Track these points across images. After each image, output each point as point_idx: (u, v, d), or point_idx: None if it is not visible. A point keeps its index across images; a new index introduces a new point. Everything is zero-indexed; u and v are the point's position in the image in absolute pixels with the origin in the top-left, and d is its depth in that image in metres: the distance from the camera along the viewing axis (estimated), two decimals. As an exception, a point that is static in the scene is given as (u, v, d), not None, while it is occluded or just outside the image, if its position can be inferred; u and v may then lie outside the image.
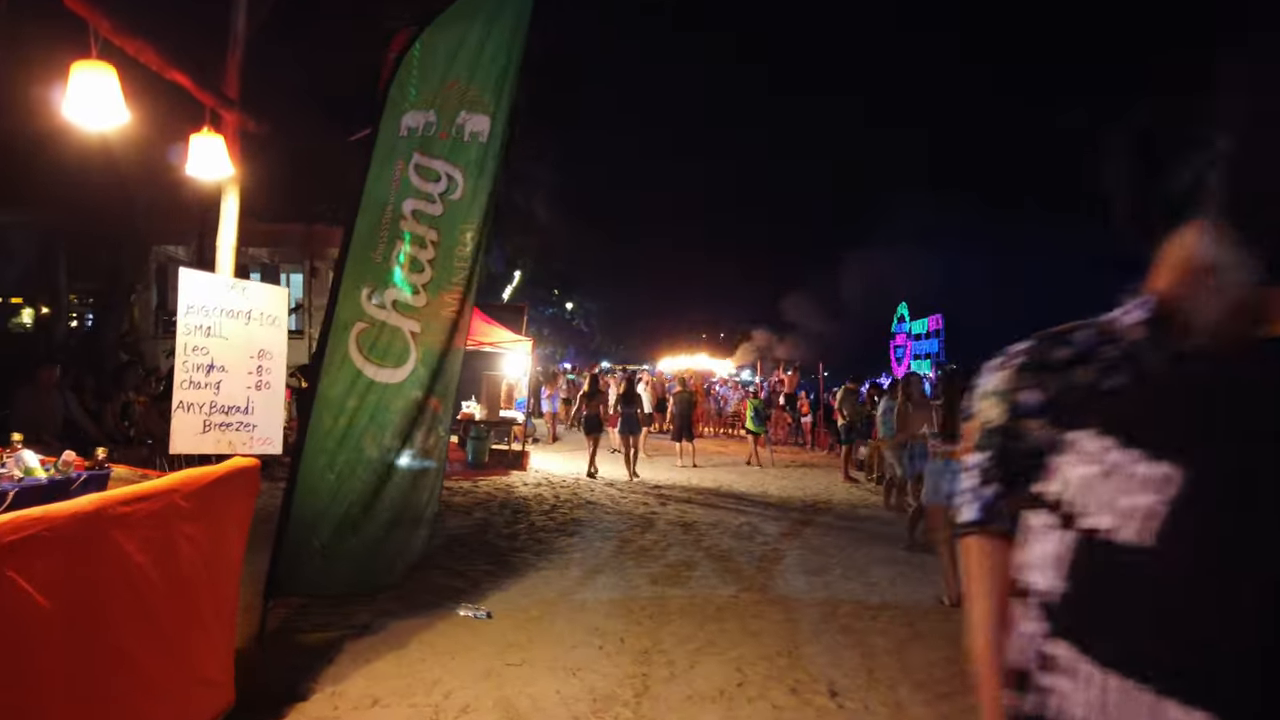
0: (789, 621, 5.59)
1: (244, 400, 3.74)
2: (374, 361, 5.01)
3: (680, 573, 6.78)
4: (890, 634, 5.43)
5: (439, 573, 6.37)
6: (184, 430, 3.52)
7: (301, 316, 20.52)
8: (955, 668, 4.85)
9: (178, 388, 3.53)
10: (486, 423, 14.13)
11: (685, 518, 9.39)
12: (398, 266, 5.16)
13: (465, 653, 4.66)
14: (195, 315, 3.56)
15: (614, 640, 5.01)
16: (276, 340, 4.00)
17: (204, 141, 3.91)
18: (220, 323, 3.65)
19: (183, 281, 3.58)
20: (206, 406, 3.58)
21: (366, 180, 5.10)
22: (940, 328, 34.61)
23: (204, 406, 3.57)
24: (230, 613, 3.19)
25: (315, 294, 20.03)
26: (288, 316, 4.07)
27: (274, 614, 4.72)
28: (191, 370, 3.52)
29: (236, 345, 3.73)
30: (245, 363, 3.77)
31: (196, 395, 3.54)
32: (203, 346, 3.57)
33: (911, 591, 6.53)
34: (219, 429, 3.61)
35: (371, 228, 5.09)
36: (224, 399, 3.64)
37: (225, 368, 3.64)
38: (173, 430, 3.52)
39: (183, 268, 3.63)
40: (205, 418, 3.57)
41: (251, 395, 3.79)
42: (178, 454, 4.00)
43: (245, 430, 3.74)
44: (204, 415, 3.57)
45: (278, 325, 4.02)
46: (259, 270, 24.00)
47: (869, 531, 8.98)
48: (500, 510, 9.35)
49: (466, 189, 5.32)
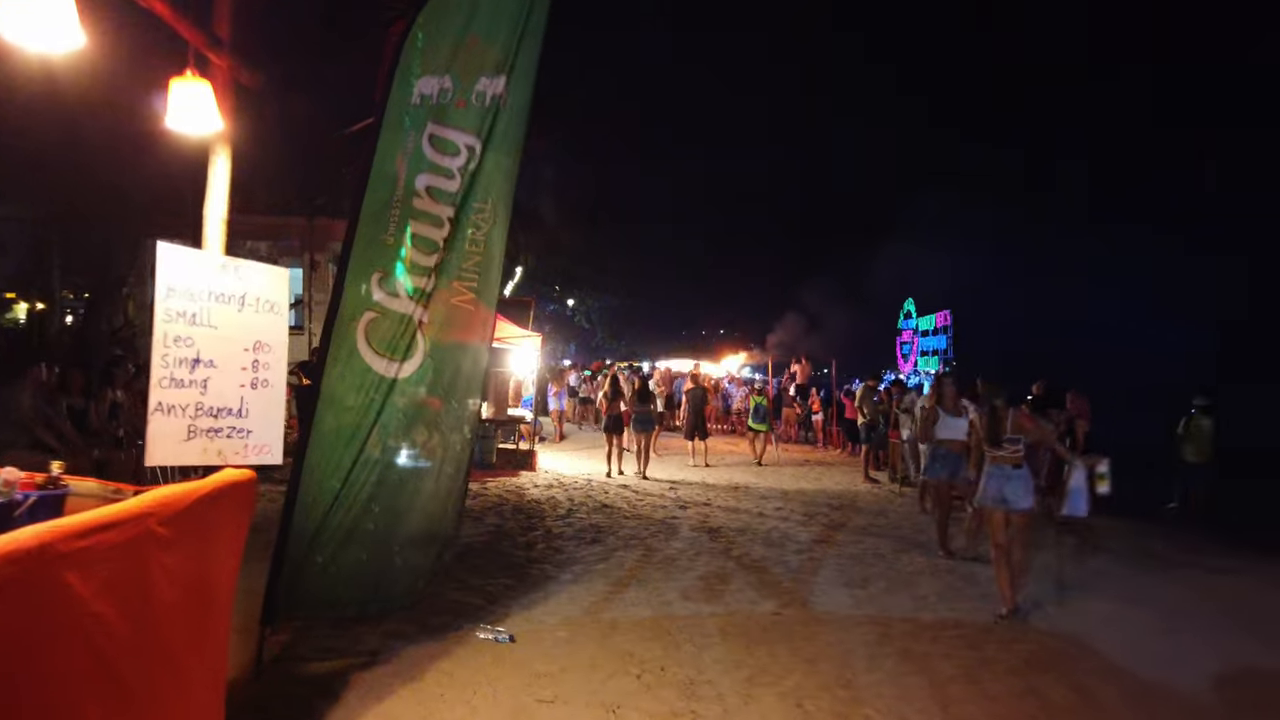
0: (841, 644, 5.06)
1: (237, 401, 3.19)
2: (384, 355, 4.47)
3: (714, 586, 6.25)
4: (955, 659, 4.90)
5: (453, 587, 5.84)
6: (163, 437, 2.98)
7: (301, 312, 19.96)
8: (1038, 699, 4.33)
9: (155, 386, 2.98)
10: (494, 421, 13.58)
11: (709, 522, 8.86)
12: (409, 248, 4.63)
13: (489, 685, 4.13)
14: (178, 299, 3.02)
15: (653, 669, 4.48)
16: (276, 330, 3.44)
17: (187, 88, 3.33)
18: (208, 309, 3.11)
19: (161, 259, 3.04)
20: (191, 409, 3.04)
21: (375, 153, 4.56)
22: (948, 324, 34.11)
23: (188, 409, 3.03)
24: (219, 659, 2.67)
25: (316, 289, 19.45)
26: (290, 303, 3.52)
27: (272, 640, 4.19)
28: (173, 365, 2.98)
29: (228, 336, 3.18)
30: (239, 357, 3.22)
31: (179, 395, 3.00)
32: (186, 337, 3.03)
33: (967, 607, 5.99)
34: (206, 436, 3.07)
35: (381, 206, 4.55)
36: (213, 400, 3.09)
37: (214, 362, 3.10)
38: (149, 437, 2.98)
39: (161, 242, 3.08)
40: (190, 422, 3.03)
41: (246, 395, 3.24)
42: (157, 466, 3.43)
43: (238, 437, 3.20)
44: (188, 419, 3.03)
45: (277, 312, 3.45)
46: (257, 264, 23.43)
47: (904, 537, 8.44)
48: (514, 515, 8.82)
49: (487, 162, 4.78)
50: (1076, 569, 7.31)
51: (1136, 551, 8.29)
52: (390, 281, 4.57)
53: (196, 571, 2.39)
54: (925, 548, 7.95)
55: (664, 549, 7.46)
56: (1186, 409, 11.45)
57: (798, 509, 10.01)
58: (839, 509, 10.15)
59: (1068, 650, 5.17)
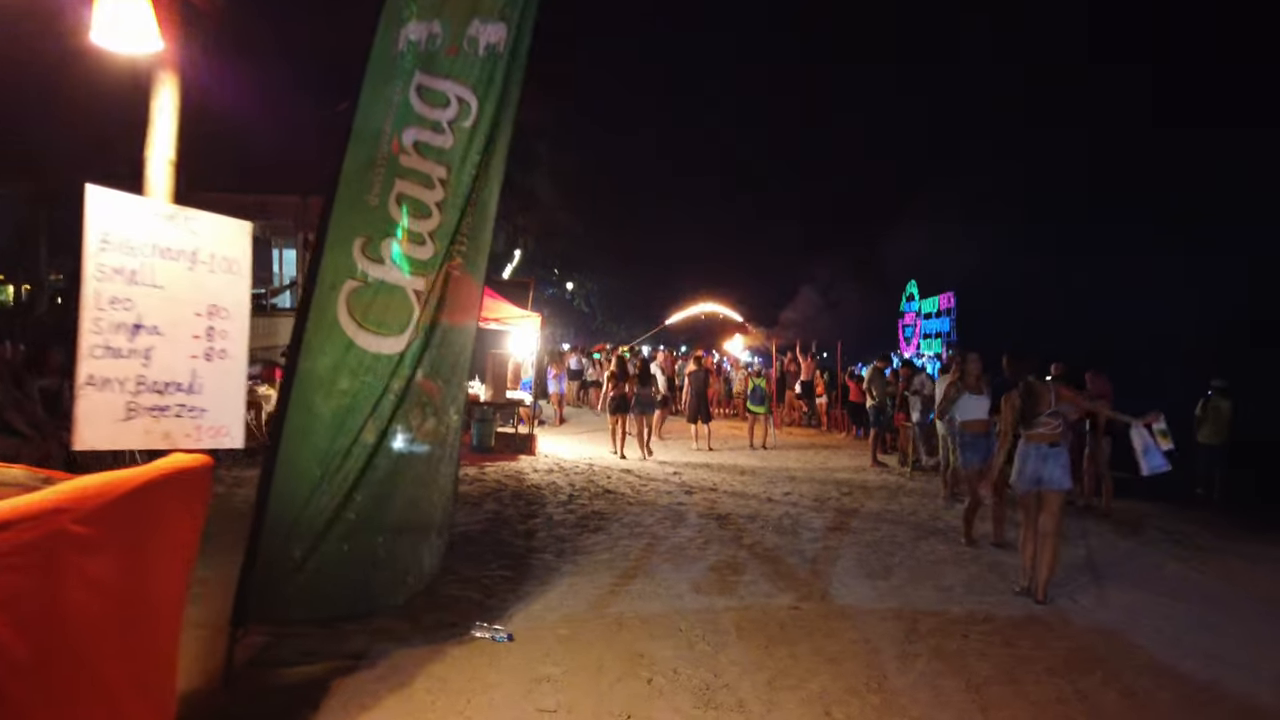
0: (866, 641, 4.68)
1: (187, 375, 2.77)
2: (369, 329, 4.06)
3: (726, 577, 5.87)
4: (990, 657, 4.53)
5: (448, 580, 5.45)
6: (96, 417, 2.56)
7: (295, 294, 19.50)
8: (1085, 705, 3.95)
9: (86, 356, 2.54)
10: (492, 404, 13.18)
11: (717, 509, 8.47)
12: (398, 210, 4.21)
13: (485, 692, 3.75)
14: (113, 254, 2.58)
15: (666, 671, 4.09)
16: (235, 293, 2.99)
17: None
18: (151, 265, 2.67)
19: (92, 204, 2.59)
20: (131, 383, 2.61)
21: (358, 106, 4.14)
22: (952, 306, 33.65)
23: (127, 383, 2.60)
24: (161, 675, 2.26)
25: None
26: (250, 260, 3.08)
27: (247, 642, 3.80)
28: (107, 331, 2.55)
29: (176, 298, 2.75)
30: (189, 323, 2.79)
31: (116, 367, 2.57)
32: (124, 298, 2.60)
33: (996, 600, 5.61)
34: (150, 415, 2.65)
35: (365, 164, 4.13)
36: (157, 373, 2.67)
37: (159, 329, 2.67)
38: (77, 417, 2.55)
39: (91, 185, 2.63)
40: (129, 399, 2.61)
41: (199, 368, 2.81)
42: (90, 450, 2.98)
43: (189, 416, 2.78)
44: (127, 395, 2.60)
45: (237, 273, 3.01)
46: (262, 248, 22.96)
47: (921, 524, 8.07)
48: (513, 502, 8.43)
49: (481, 114, 4.35)
50: (1107, 558, 6.94)
51: (1165, 537, 7.92)
52: (375, 248, 4.16)
53: (129, 577, 1.99)
54: (944, 535, 7.57)
55: (671, 537, 7.08)
56: (1204, 391, 11.24)
57: (807, 494, 9.63)
58: (849, 494, 9.77)
59: (1109, 647, 4.79)
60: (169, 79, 2.97)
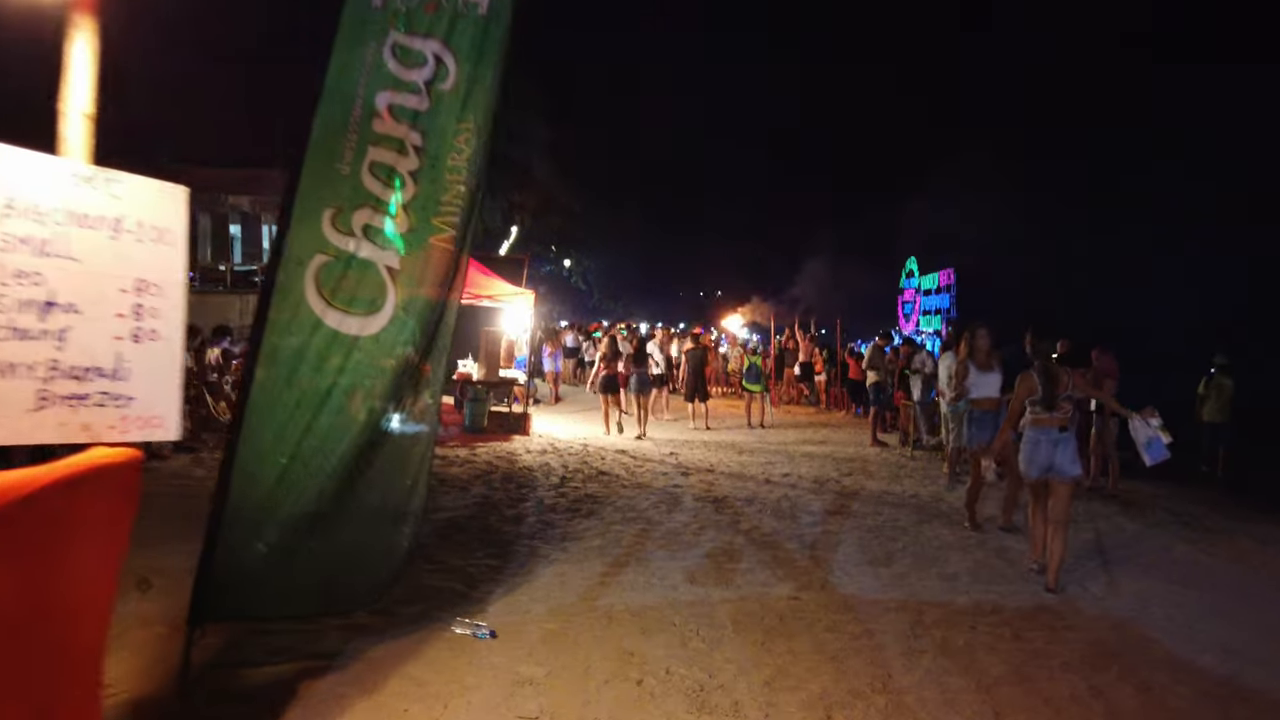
0: (869, 636, 4.45)
1: (110, 358, 2.47)
2: (338, 307, 3.79)
3: (722, 565, 5.63)
4: (999, 652, 4.30)
5: (430, 569, 5.22)
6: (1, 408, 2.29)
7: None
8: (1102, 704, 3.73)
9: (-15, 339, 2.28)
10: (485, 383, 12.92)
11: (713, 491, 8.23)
12: (370, 179, 3.92)
13: (463, 694, 3.51)
14: (19, 221, 2.27)
15: (657, 672, 3.85)
16: (167, 266, 2.68)
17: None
18: (66, 234, 2.37)
19: (-9, 164, 2.30)
20: (43, 368, 2.32)
21: (329, 67, 3.86)
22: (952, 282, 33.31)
23: (38, 368, 2.31)
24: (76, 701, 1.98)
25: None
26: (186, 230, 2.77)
27: (206, 643, 3.55)
28: (13, 310, 2.25)
29: (96, 272, 2.44)
30: (112, 300, 2.49)
31: (24, 350, 2.28)
32: (33, 272, 2.30)
33: (1003, 589, 5.38)
34: (66, 404, 2.36)
35: (335, 129, 3.85)
36: (75, 356, 2.37)
37: (76, 307, 2.37)
38: (-25, 408, 2.29)
39: (-10, 142, 2.33)
40: (41, 386, 2.32)
41: (125, 350, 2.52)
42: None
43: (114, 404, 2.49)
44: (38, 382, 2.31)
45: (170, 243, 2.70)
46: (239, 220, 22.55)
47: (923, 507, 7.83)
48: (503, 484, 8.18)
49: (461, 76, 4.05)
50: (1115, 541, 6.72)
51: (1174, 519, 7.70)
52: (346, 220, 3.88)
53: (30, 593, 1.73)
54: (948, 518, 7.34)
55: (666, 522, 6.84)
56: (1206, 369, 11.06)
57: (806, 475, 9.40)
58: (850, 475, 9.53)
59: (1122, 639, 4.57)
60: (85, 22, 2.66)
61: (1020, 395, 5.61)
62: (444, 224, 4.17)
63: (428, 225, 4.11)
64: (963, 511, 7.20)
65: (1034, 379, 5.54)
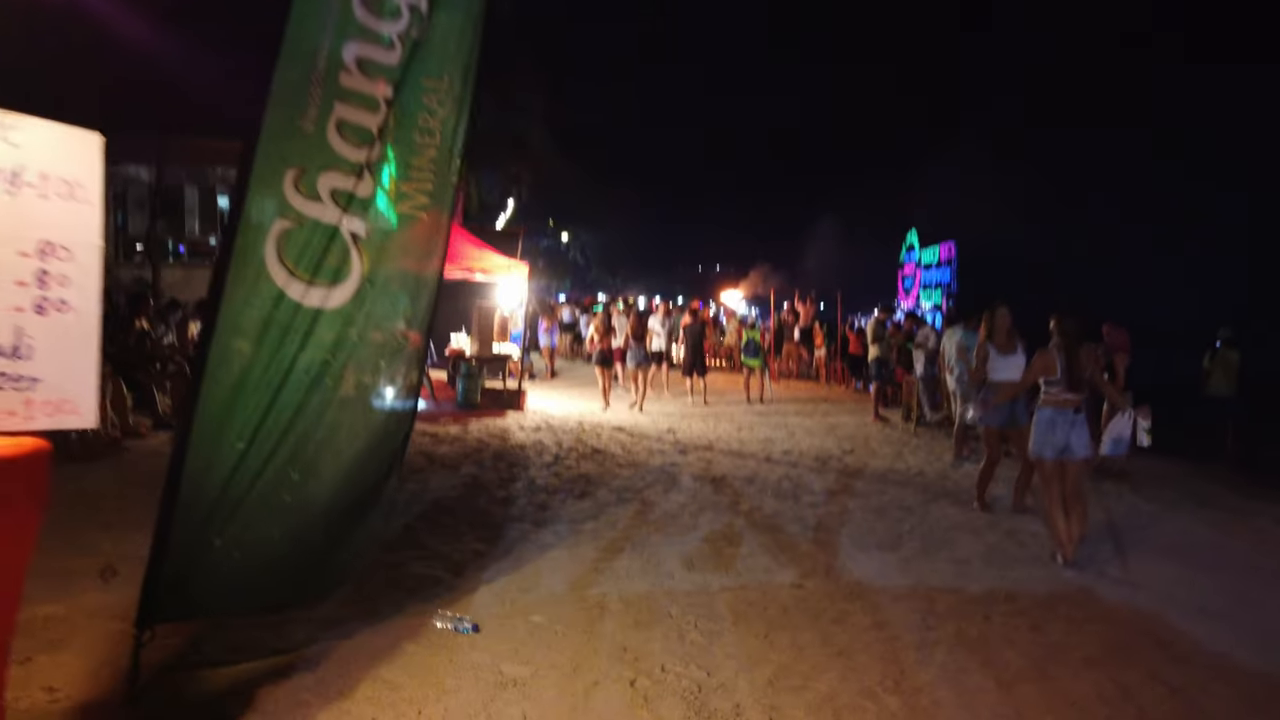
0: (879, 627, 4.17)
1: (7, 333, 2.13)
2: (301, 277, 3.46)
3: (722, 550, 5.35)
4: (1018, 645, 4.02)
5: (413, 555, 4.93)
6: None
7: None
8: (1132, 706, 3.45)
9: None
10: (478, 359, 12.59)
11: (712, 470, 7.94)
12: (337, 139, 3.58)
13: (440, 699, 3.22)
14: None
15: (652, 670, 3.57)
16: (78, 225, 2.33)
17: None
18: (-54, 188, 2.05)
19: None
20: (-80, 346, 2.02)
21: (290, 16, 3.48)
22: (952, 256, 32.88)
23: (-88, 346, 2.01)
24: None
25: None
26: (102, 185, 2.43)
27: (166, 642, 3.26)
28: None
29: (-13, 233, 2.13)
30: (10, 265, 2.14)
31: (-106, 325, 1.97)
32: (-96, 232, 1.98)
33: (1017, 575, 5.10)
34: (-50, 388, 2.06)
35: (298, 84, 3.48)
36: (-40, 331, 2.07)
37: (-39, 274, 2.06)
38: None
39: None
40: (-82, 367, 2.02)
41: (26, 324, 2.18)
42: None
43: (13, 387, 2.14)
44: (-85, 363, 2.01)
45: (81, 199, 2.34)
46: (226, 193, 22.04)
47: (929, 486, 7.55)
48: (494, 463, 7.88)
49: (436, 25, 3.69)
50: (1131, 524, 6.44)
51: (1189, 499, 7.42)
52: (311, 182, 3.53)
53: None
54: (955, 497, 7.07)
55: (662, 503, 6.55)
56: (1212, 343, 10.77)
57: (808, 453, 9.11)
58: (852, 452, 9.24)
59: (1146, 632, 4.29)
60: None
61: (1036, 371, 5.37)
62: (416, 190, 3.85)
63: (398, 192, 3.79)
64: (970, 490, 6.92)
65: (1053, 357, 5.29)
